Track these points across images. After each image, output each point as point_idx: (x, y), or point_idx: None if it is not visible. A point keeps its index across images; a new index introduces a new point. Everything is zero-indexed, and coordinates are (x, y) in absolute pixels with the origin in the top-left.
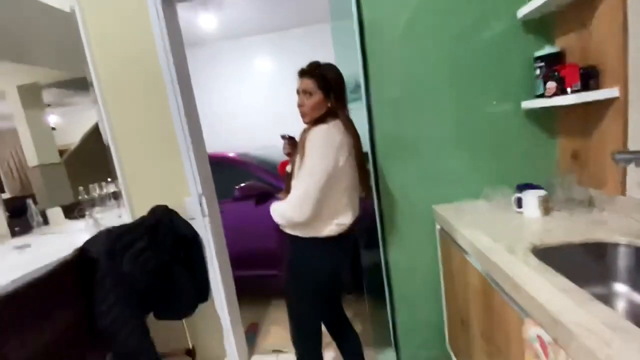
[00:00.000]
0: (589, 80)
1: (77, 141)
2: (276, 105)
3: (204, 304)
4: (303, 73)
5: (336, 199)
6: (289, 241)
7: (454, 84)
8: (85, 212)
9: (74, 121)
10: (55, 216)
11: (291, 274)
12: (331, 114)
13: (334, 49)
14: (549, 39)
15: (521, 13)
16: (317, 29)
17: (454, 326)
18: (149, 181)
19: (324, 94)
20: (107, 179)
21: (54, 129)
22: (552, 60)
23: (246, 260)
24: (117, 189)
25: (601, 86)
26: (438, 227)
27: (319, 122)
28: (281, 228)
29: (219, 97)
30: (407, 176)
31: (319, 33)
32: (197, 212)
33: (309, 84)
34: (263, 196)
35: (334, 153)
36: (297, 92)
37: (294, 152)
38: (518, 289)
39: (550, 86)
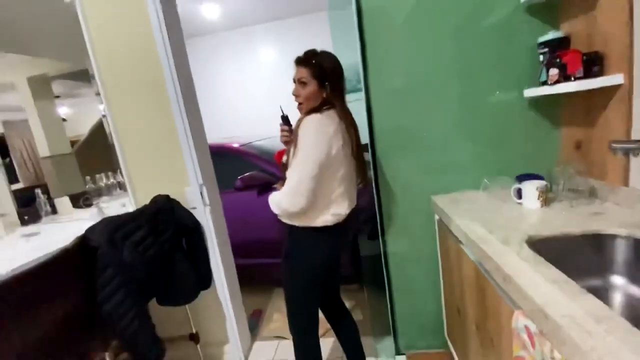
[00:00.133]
0: (592, 66)
1: (87, 132)
2: (279, 96)
3: (206, 291)
4: (299, 61)
5: (331, 188)
6: (286, 231)
7: (456, 72)
8: (93, 202)
9: (84, 112)
10: (64, 205)
11: (288, 262)
12: (327, 104)
13: (331, 37)
14: (554, 24)
15: None
16: (321, 16)
17: (451, 316)
18: (151, 171)
19: (318, 83)
20: (114, 168)
21: (65, 120)
22: (556, 46)
23: (251, 249)
24: (121, 178)
25: (605, 73)
26: (437, 217)
27: (314, 112)
28: (279, 218)
29: (223, 88)
30: (407, 166)
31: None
32: (197, 202)
33: (303, 72)
34: (265, 186)
35: (326, 141)
36: (293, 81)
37: (290, 141)
38: (509, 280)
39: (553, 73)
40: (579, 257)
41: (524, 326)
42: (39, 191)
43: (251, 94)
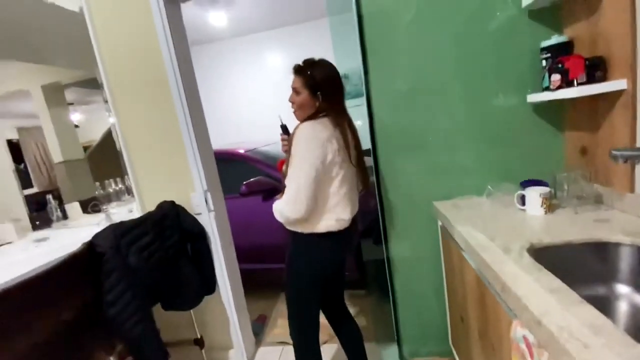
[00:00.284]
0: (595, 71)
1: (99, 138)
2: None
3: (211, 296)
4: (295, 70)
5: (331, 193)
6: (290, 237)
7: (458, 77)
8: (102, 207)
9: (95, 119)
10: (74, 210)
11: (290, 268)
12: (323, 111)
13: (332, 43)
14: (557, 29)
15: (526, 1)
16: (326, 23)
17: (455, 323)
18: (157, 177)
19: (310, 93)
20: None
21: (77, 126)
22: (559, 51)
23: (256, 254)
24: (128, 184)
25: (609, 78)
26: (440, 223)
27: (309, 119)
28: (284, 224)
29: (229, 94)
30: (410, 171)
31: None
32: (202, 208)
33: (297, 82)
34: (270, 192)
35: (319, 146)
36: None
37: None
38: (507, 289)
39: (555, 79)
40: (582, 265)
41: (522, 336)
42: (49, 197)
43: (256, 100)
